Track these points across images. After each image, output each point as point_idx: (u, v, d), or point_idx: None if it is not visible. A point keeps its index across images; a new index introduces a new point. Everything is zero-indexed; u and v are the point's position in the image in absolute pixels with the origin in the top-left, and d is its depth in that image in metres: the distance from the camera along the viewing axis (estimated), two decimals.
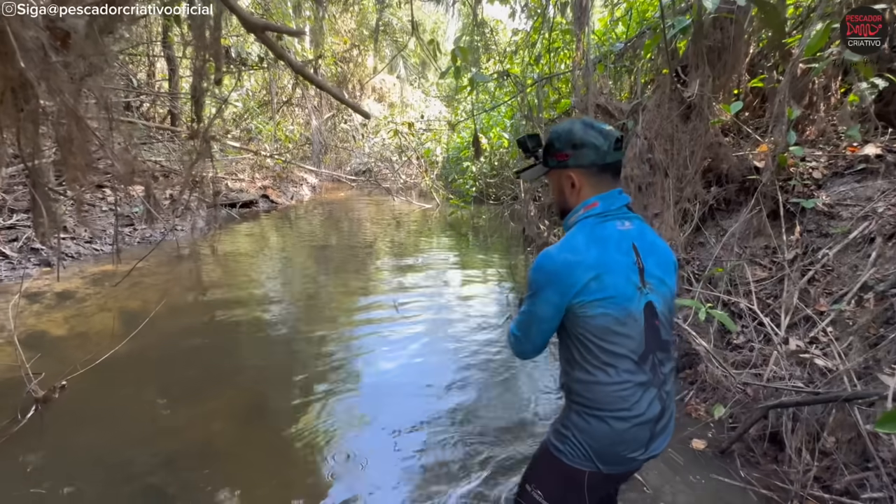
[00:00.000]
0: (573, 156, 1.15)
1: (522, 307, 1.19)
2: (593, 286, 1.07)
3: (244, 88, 11.15)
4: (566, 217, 1.23)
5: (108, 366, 2.99)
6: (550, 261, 1.10)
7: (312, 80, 1.92)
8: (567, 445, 1.14)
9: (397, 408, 2.74)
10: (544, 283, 1.11)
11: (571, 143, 1.14)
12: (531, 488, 1.22)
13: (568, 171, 1.17)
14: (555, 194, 1.26)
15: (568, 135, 1.15)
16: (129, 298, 4.32)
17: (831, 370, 2.23)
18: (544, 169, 1.24)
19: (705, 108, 3.36)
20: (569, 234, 1.16)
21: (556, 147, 1.17)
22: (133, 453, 2.33)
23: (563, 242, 1.14)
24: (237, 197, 8.46)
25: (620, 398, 1.08)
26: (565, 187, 1.20)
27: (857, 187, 2.77)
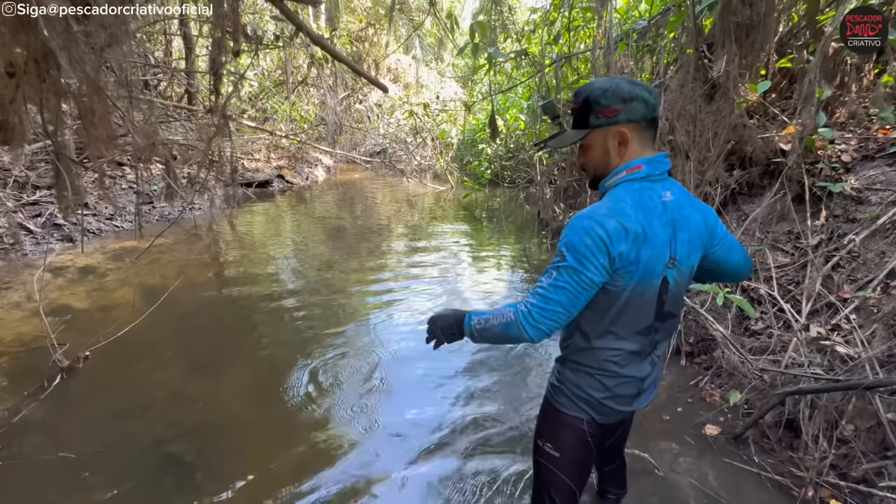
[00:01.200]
0: (624, 110, 1.08)
1: (557, 276, 1.06)
2: (632, 257, 1.05)
3: (260, 68, 11.12)
4: (602, 180, 1.17)
5: (129, 338, 3.07)
6: (601, 225, 1.03)
7: (331, 52, 1.90)
8: (563, 397, 1.25)
9: (412, 384, 2.78)
10: (595, 250, 1.03)
11: (621, 97, 1.07)
12: (542, 443, 1.30)
13: (618, 126, 1.09)
14: (594, 157, 1.16)
15: (616, 89, 1.08)
16: (149, 274, 4.41)
17: (853, 358, 2.18)
18: (581, 133, 1.14)
19: (731, 87, 3.25)
20: (614, 197, 1.09)
21: (603, 103, 1.09)
22: (153, 422, 2.40)
23: (610, 205, 1.07)
24: (253, 177, 8.52)
25: (613, 363, 1.17)
26: (611, 146, 1.12)
27: (888, 171, 2.67)
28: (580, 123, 1.14)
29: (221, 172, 3.39)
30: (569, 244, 1.05)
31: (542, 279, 1.08)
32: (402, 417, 2.48)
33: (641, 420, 2.35)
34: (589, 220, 1.04)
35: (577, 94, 1.14)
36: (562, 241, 1.07)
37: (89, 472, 2.06)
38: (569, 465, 1.27)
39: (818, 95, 2.76)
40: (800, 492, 1.98)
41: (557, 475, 1.27)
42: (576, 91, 1.15)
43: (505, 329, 1.09)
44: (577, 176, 6.03)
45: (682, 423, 2.45)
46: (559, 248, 1.07)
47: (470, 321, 1.17)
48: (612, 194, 1.10)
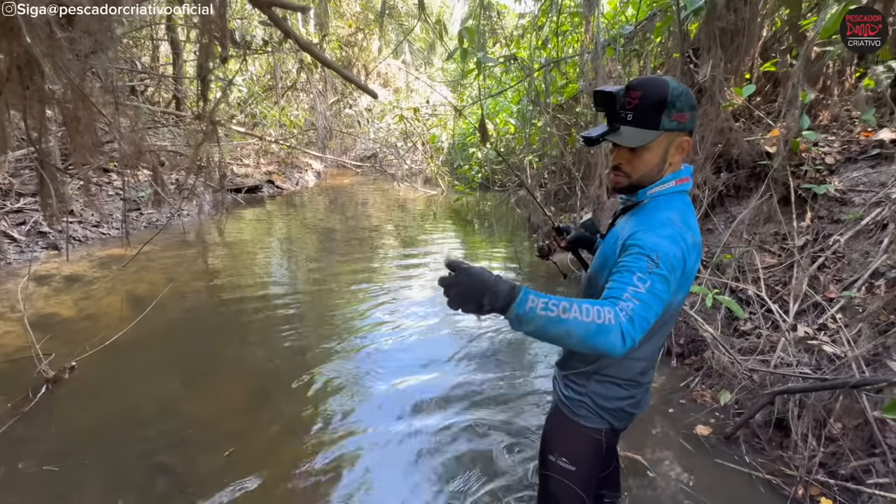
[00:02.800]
0: (691, 118, 1.03)
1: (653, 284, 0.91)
2: (693, 271, 1.05)
3: (249, 73, 11.07)
4: (644, 188, 1.09)
5: (116, 348, 3.02)
6: (683, 238, 0.98)
7: (319, 58, 1.89)
8: (584, 409, 1.22)
9: (405, 389, 2.77)
10: (678, 262, 0.95)
11: (691, 103, 1.02)
12: (555, 458, 1.25)
13: (684, 135, 1.04)
14: (650, 162, 1.06)
15: (688, 94, 1.01)
16: (137, 282, 4.35)
17: (840, 357, 2.21)
18: (652, 134, 1.02)
19: (717, 91, 3.30)
20: (677, 208, 1.04)
21: (678, 106, 1.00)
22: (142, 433, 2.36)
23: (679, 217, 1.02)
24: (242, 182, 8.46)
25: (641, 371, 1.19)
26: (671, 154, 1.06)
27: (870, 173, 2.72)
28: (647, 123, 1.02)
29: (210, 178, 3.36)
30: (661, 252, 0.94)
31: (630, 285, 0.90)
32: (396, 425, 2.47)
33: (635, 422, 2.35)
34: (673, 229, 0.98)
35: (642, 87, 1.01)
36: (647, 246, 0.95)
37: (75, 486, 2.02)
38: (583, 477, 1.25)
39: (802, 99, 2.81)
40: (790, 490, 2.00)
41: (571, 488, 1.24)
42: (636, 83, 1.02)
43: (595, 332, 0.84)
44: (567, 179, 6.07)
45: (674, 423, 2.47)
46: (645, 252, 0.94)
47: (527, 300, 0.85)
48: (671, 205, 1.05)
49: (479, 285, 0.85)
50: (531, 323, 0.85)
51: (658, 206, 1.05)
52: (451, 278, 0.87)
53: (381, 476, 2.13)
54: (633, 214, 1.10)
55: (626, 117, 1.03)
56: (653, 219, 1.01)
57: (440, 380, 2.87)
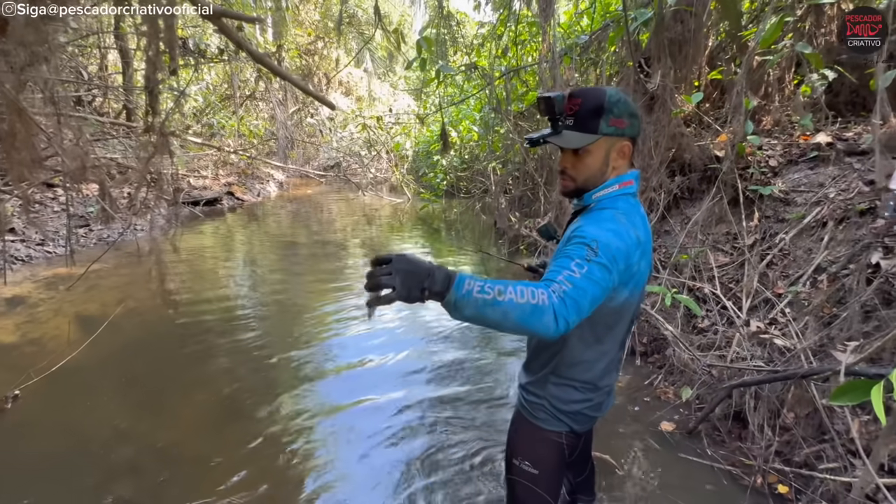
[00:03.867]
0: (630, 125, 1.07)
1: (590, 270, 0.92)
2: (640, 268, 1.08)
3: (204, 82, 10.76)
4: (589, 192, 1.13)
5: (64, 373, 2.85)
6: (627, 233, 1.03)
7: (273, 69, 1.86)
8: (543, 412, 1.23)
9: (372, 406, 2.71)
10: (620, 255, 0.99)
11: (629, 111, 1.06)
12: (518, 462, 1.27)
13: (624, 140, 1.09)
14: (592, 165, 1.11)
15: (626, 102, 1.06)
16: (87, 302, 4.12)
17: (789, 349, 2.33)
18: (589, 137, 1.07)
19: (668, 99, 3.45)
20: (621, 209, 1.09)
21: (616, 113, 1.05)
22: (94, 462, 2.23)
23: (624, 216, 1.06)
24: (200, 195, 8.17)
25: (598, 374, 1.19)
26: (612, 158, 1.10)
27: (810, 174, 2.90)
28: (587, 127, 1.07)
29: (163, 192, 3.23)
30: (601, 241, 0.97)
31: (566, 269, 0.92)
32: (363, 443, 2.41)
33: (602, 422, 2.39)
34: (617, 224, 1.03)
35: (582, 95, 1.07)
36: (588, 236, 0.98)
37: None
38: (547, 480, 1.26)
39: (746, 105, 2.97)
40: (749, 480, 2.08)
41: (536, 492, 1.26)
42: (577, 92, 1.08)
43: (530, 313, 0.84)
44: (531, 185, 6.17)
45: (640, 421, 2.53)
46: (585, 241, 0.97)
47: (464, 284, 0.85)
48: (616, 205, 1.10)
49: (419, 269, 0.86)
50: (468, 306, 0.85)
51: (603, 207, 1.10)
52: (390, 266, 0.85)
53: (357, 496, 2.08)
54: (582, 218, 1.14)
55: (567, 122, 1.09)
56: (598, 216, 1.07)
57: (412, 392, 2.84)
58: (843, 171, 2.74)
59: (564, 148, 1.12)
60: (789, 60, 3.66)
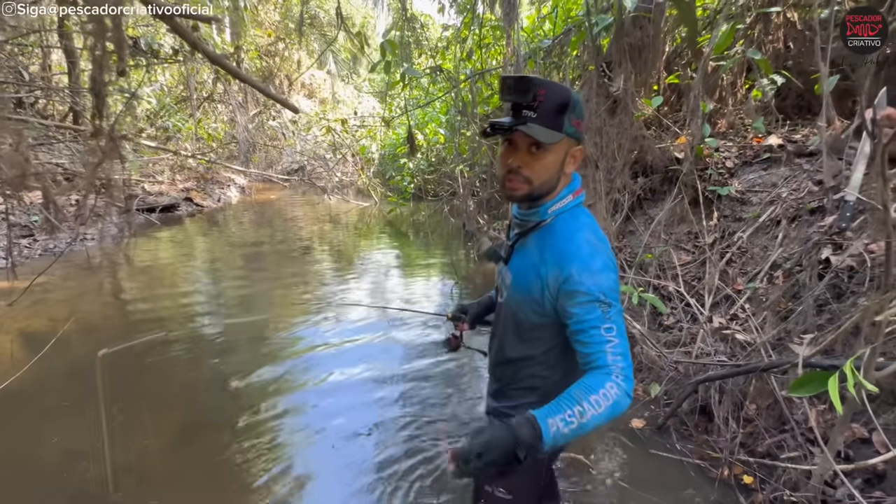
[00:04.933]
0: (582, 131, 1.01)
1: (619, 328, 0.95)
2: None
3: (158, 83, 10.31)
4: (545, 202, 1.04)
5: (7, 396, 2.64)
6: (611, 259, 0.99)
7: (231, 71, 1.78)
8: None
9: (343, 418, 2.63)
10: (617, 286, 0.98)
11: (583, 114, 1.00)
12: (492, 488, 1.17)
13: (578, 145, 1.02)
14: (548, 169, 1.00)
15: (583, 105, 0.99)
16: (32, 317, 3.85)
17: (750, 343, 2.42)
18: (557, 136, 0.96)
19: (629, 102, 3.54)
20: (588, 225, 1.02)
21: (577, 113, 0.97)
22: (41, 493, 2.07)
23: (593, 235, 1.00)
24: (156, 201, 7.82)
25: None
26: (567, 164, 1.02)
27: (763, 175, 3.03)
28: (551, 123, 0.95)
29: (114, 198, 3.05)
30: (605, 289, 0.94)
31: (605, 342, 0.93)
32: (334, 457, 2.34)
33: None
34: (601, 255, 0.97)
35: (546, 87, 0.95)
36: (594, 291, 0.94)
37: None
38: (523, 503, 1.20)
39: (703, 109, 3.07)
40: (716, 472, 2.14)
41: None
42: (541, 82, 0.95)
43: (611, 411, 0.89)
44: (498, 187, 6.20)
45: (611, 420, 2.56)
46: (595, 299, 0.93)
47: (549, 429, 0.87)
48: (578, 222, 1.02)
49: (505, 444, 0.86)
50: (561, 441, 0.88)
51: (567, 226, 1.01)
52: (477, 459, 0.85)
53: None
54: (540, 238, 1.05)
55: (531, 115, 0.95)
56: (575, 248, 0.97)
57: (382, 404, 2.78)
58: (794, 171, 2.87)
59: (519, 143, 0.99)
60: (741, 66, 3.83)
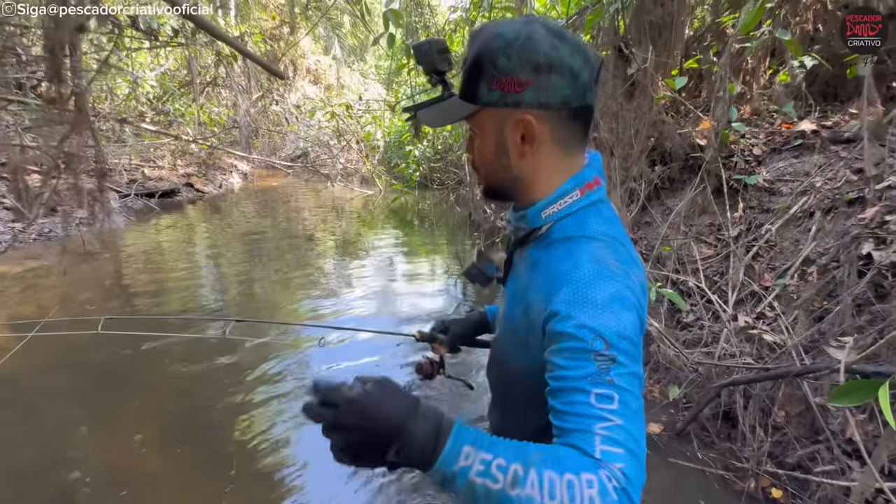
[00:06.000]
0: (534, 85, 0.62)
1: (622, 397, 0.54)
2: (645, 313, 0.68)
3: (162, 67, 10.13)
4: (531, 200, 0.71)
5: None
6: (630, 289, 0.61)
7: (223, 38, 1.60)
8: None
9: None
10: (639, 329, 0.62)
11: (532, 61, 0.61)
12: None
13: (521, 112, 0.64)
14: (483, 154, 0.72)
15: (526, 45, 0.61)
16: (22, 304, 3.72)
17: (780, 345, 2.23)
18: (468, 107, 0.68)
19: (649, 84, 3.32)
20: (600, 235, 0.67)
21: (503, 67, 0.62)
22: (24, 488, 1.94)
23: (611, 253, 0.64)
24: (156, 186, 7.68)
25: None
26: (511, 144, 0.67)
27: (794, 163, 2.82)
28: (468, 93, 0.67)
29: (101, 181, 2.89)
30: (608, 331, 0.57)
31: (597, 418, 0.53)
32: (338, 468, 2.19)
33: None
34: (610, 281, 0.60)
35: (472, 38, 0.66)
36: (588, 335, 0.56)
37: None
38: None
39: (730, 91, 2.86)
40: (743, 485, 1.97)
41: None
42: (473, 32, 0.67)
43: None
44: None
45: None
46: (589, 347, 0.56)
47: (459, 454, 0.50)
48: (586, 229, 0.68)
49: (381, 429, 0.50)
50: (459, 488, 0.50)
51: (569, 237, 0.68)
52: (330, 415, 0.51)
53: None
54: (534, 253, 0.73)
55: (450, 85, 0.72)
56: (570, 267, 0.63)
57: None
58: (829, 159, 2.66)
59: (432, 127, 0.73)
60: (765, 49, 3.59)
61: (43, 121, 2.94)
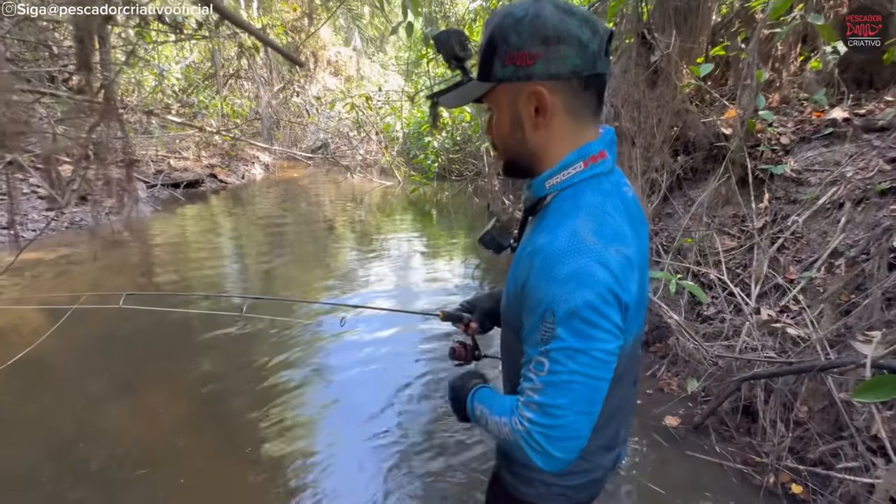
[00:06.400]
0: (544, 57, 0.65)
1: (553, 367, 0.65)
2: (639, 295, 0.72)
3: (187, 60, 10.31)
4: (541, 176, 0.74)
5: (25, 365, 2.62)
6: (603, 264, 0.64)
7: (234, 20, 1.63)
8: (532, 487, 0.89)
9: (363, 404, 2.52)
10: (603, 306, 0.63)
11: (542, 35, 0.64)
12: None
13: (533, 85, 0.67)
14: (500, 130, 0.75)
15: (535, 21, 0.64)
16: (55, 290, 3.87)
17: (803, 339, 2.18)
18: (484, 86, 0.72)
19: (672, 72, 3.23)
20: (589, 207, 0.69)
21: (513, 43, 0.66)
22: (53, 465, 2.04)
23: (594, 224, 0.67)
24: (181, 176, 7.85)
25: (611, 437, 0.88)
26: (525, 116, 0.71)
27: (824, 152, 2.72)
28: (484, 73, 0.71)
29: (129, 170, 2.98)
30: (558, 306, 0.63)
31: (530, 372, 0.68)
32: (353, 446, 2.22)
33: None
34: (580, 257, 0.63)
35: (486, 23, 0.71)
36: (542, 300, 0.65)
37: None
38: None
39: (758, 78, 2.77)
40: (761, 479, 1.94)
41: None
42: (488, 18, 0.72)
43: (508, 448, 0.75)
44: None
45: (643, 415, 2.38)
46: (540, 311, 0.65)
47: (473, 402, 0.85)
48: (577, 203, 0.70)
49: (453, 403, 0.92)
50: (480, 426, 0.84)
51: (562, 209, 0.71)
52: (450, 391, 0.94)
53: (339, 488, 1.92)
54: (535, 222, 0.78)
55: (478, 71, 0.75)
56: (550, 239, 0.67)
57: (401, 395, 2.65)
58: (862, 148, 2.56)
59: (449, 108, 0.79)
60: (797, 34, 3.46)
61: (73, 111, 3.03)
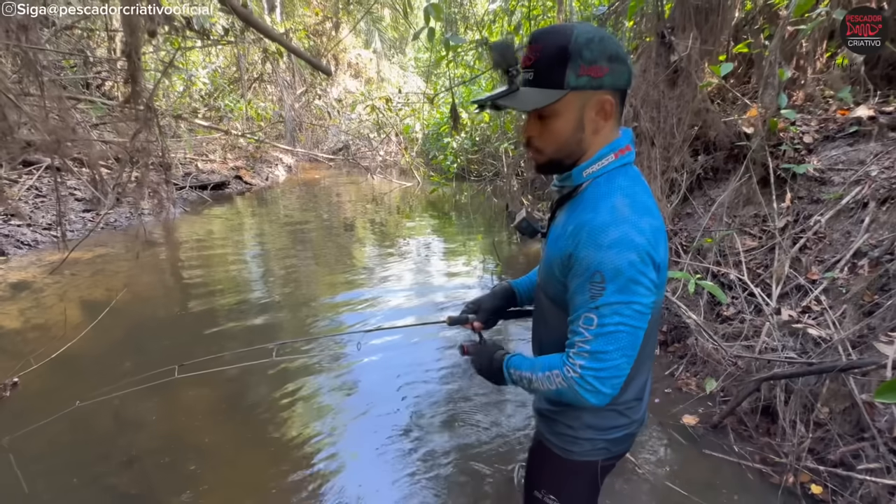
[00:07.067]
0: (611, 72, 0.80)
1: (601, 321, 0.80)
2: (662, 262, 0.86)
3: (213, 65, 10.61)
4: (575, 166, 0.89)
5: (66, 359, 2.79)
6: (639, 229, 0.79)
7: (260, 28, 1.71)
8: (578, 445, 1.00)
9: (385, 402, 2.58)
10: (641, 265, 0.78)
11: (608, 53, 0.80)
12: (542, 495, 1.07)
13: (603, 93, 0.82)
14: (563, 131, 0.86)
15: (603, 42, 0.79)
16: (92, 287, 4.07)
17: (825, 339, 2.16)
18: (554, 94, 0.81)
19: (693, 71, 3.22)
20: (623, 189, 0.84)
21: (588, 57, 0.79)
22: (93, 453, 2.16)
23: (630, 200, 0.82)
24: (208, 178, 8.10)
25: (640, 386, 1.00)
26: (588, 119, 0.84)
27: (849, 151, 2.68)
28: (549, 81, 0.82)
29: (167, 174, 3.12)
30: (607, 267, 0.78)
31: (580, 327, 0.83)
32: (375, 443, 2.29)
33: None
34: (620, 226, 0.79)
35: (542, 38, 0.82)
36: (590, 264, 0.80)
37: None
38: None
39: (780, 76, 2.74)
40: (780, 479, 1.94)
41: None
42: (538, 34, 0.83)
43: (557, 395, 0.89)
44: None
45: (661, 414, 2.39)
46: (588, 274, 0.80)
47: (508, 370, 0.98)
48: (612, 186, 0.86)
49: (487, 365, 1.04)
50: (519, 385, 0.98)
51: (598, 192, 0.86)
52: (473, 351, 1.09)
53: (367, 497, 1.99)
54: (572, 206, 0.91)
55: (527, 76, 0.84)
56: (592, 216, 0.82)
57: (426, 390, 2.71)
58: (887, 147, 2.52)
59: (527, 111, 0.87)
60: (822, 31, 3.40)
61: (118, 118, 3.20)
